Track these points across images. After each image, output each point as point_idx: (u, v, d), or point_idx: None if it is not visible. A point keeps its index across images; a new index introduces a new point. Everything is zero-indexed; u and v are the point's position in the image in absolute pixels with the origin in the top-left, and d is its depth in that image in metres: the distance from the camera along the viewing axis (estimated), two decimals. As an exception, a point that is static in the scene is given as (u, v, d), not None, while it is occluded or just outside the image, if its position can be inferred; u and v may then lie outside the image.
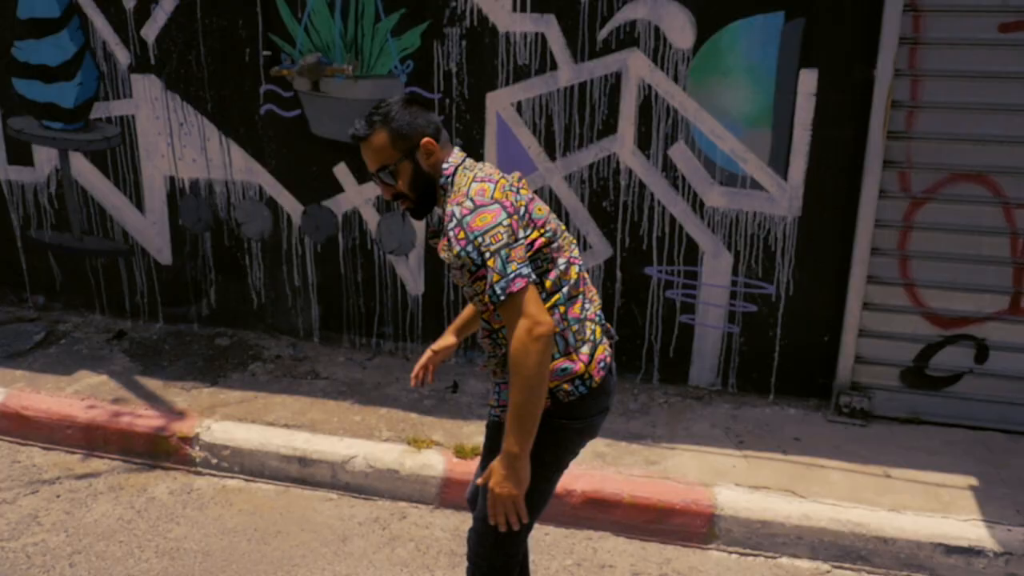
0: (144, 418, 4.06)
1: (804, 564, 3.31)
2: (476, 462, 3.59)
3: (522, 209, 2.19)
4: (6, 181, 5.01)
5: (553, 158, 4.16)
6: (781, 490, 3.51)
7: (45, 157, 4.90)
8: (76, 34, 4.62)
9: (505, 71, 4.11)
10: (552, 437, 2.27)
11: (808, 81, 3.79)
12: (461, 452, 3.74)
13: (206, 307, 4.92)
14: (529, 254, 2.17)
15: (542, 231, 2.22)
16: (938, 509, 3.40)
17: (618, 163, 4.09)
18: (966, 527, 3.29)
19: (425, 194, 2.29)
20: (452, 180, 2.24)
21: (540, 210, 2.25)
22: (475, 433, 3.92)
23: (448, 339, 2.67)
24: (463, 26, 4.10)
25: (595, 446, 3.83)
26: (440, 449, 3.80)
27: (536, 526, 3.44)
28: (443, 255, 2.19)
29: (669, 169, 4.04)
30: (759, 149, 3.92)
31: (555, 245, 2.25)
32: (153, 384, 4.40)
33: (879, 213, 3.83)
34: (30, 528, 3.46)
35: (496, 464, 2.14)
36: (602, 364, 2.29)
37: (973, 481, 3.59)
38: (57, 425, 4.09)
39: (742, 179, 3.97)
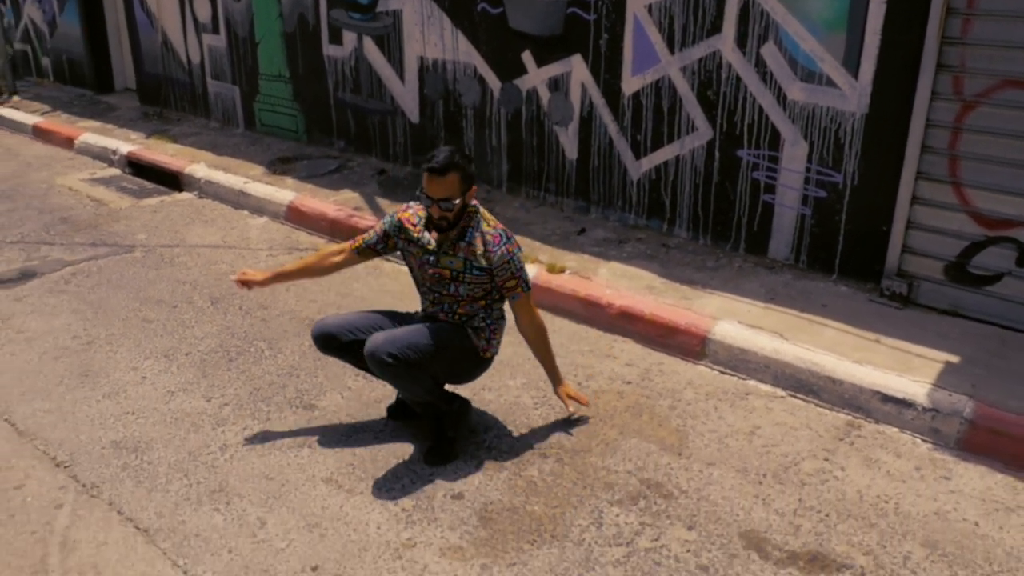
0: (368, 221, 5.81)
1: (765, 388, 4.04)
2: (562, 277, 4.77)
3: None
4: (327, 56, 7.04)
5: (673, 52, 5.02)
6: (772, 332, 4.22)
7: (349, 39, 6.82)
8: (371, -53, 6.39)
9: (642, -22, 5.04)
10: (474, 361, 3.57)
11: (880, -11, 4.23)
12: (552, 269, 4.94)
13: (437, 157, 6.55)
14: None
15: None
16: (898, 370, 3.88)
17: (721, 58, 4.84)
18: (910, 385, 3.77)
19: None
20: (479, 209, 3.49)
21: None
22: (571, 260, 5.08)
23: (262, 275, 3.75)
24: (615, -60, 5.08)
25: (650, 281, 4.80)
26: (540, 265, 5.02)
27: (579, 326, 4.57)
28: (473, 252, 3.40)
29: (760, 65, 4.70)
30: (835, 50, 4.43)
31: None
32: (383, 203, 6.16)
33: (931, 114, 4.18)
34: (351, 267, 5.38)
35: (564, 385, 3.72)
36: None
37: (954, 360, 3.96)
38: (317, 218, 6.02)
39: (819, 76, 4.52)
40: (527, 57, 5.73)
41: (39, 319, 4.72)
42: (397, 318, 3.62)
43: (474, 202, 3.46)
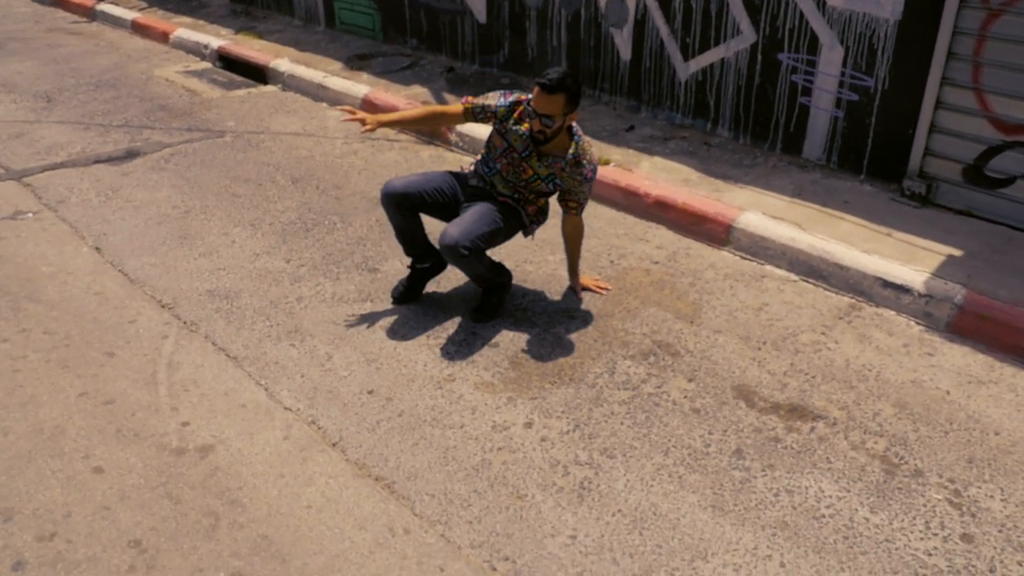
0: (432, 114, 6.29)
1: (779, 272, 4.46)
2: (606, 168, 5.18)
3: None
4: (402, -45, 7.43)
5: (723, -43, 5.28)
6: (792, 223, 4.60)
7: (423, -61, 7.18)
8: None
9: None
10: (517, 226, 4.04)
11: (921, -102, 4.40)
12: (602, 160, 5.35)
13: (501, 57, 6.95)
14: None
15: None
16: (901, 260, 4.24)
17: (767, -36, 5.08)
18: (910, 273, 4.13)
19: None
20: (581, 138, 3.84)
21: None
22: (617, 154, 5.49)
23: (374, 118, 3.85)
24: None
25: (688, 175, 5.19)
26: (586, 159, 5.45)
27: (618, 213, 5.02)
28: (562, 171, 3.81)
29: (804, -29, 4.94)
30: (874, -42, 4.65)
31: None
32: (450, 98, 6.62)
33: (959, 21, 4.40)
34: (416, 155, 5.94)
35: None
36: None
37: (957, 253, 4.29)
38: (388, 111, 6.50)
39: (858, -17, 4.75)
40: (587, -40, 6.04)
41: (143, 191, 5.40)
42: (453, 181, 4.01)
43: (577, 129, 3.82)
